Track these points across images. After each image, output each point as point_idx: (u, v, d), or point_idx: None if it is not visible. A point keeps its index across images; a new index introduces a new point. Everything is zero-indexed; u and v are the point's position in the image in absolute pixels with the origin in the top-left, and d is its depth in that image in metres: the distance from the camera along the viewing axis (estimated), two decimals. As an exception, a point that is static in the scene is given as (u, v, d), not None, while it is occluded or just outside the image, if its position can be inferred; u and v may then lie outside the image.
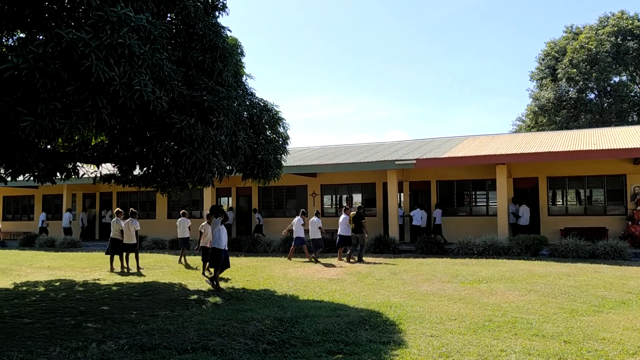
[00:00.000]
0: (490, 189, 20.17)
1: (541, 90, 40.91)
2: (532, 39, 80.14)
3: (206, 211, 22.17)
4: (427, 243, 17.40)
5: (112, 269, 14.51)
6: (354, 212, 15.94)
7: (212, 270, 11.42)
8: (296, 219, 16.55)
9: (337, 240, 16.25)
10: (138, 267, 14.52)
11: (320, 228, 16.23)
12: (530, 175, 19.72)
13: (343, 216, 16.14)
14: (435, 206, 20.41)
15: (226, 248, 10.94)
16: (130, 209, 15.39)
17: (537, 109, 40.48)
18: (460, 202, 21.05)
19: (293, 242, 16.60)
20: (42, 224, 25.68)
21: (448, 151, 19.44)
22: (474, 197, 20.99)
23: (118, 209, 15.56)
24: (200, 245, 13.40)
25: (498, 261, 14.50)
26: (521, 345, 6.27)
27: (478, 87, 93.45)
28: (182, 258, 16.28)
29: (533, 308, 8.36)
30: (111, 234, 14.94)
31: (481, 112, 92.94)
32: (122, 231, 14.62)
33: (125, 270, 14.34)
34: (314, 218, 16.37)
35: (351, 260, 15.50)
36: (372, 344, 6.37)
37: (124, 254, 14.59)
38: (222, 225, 10.83)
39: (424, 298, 9.40)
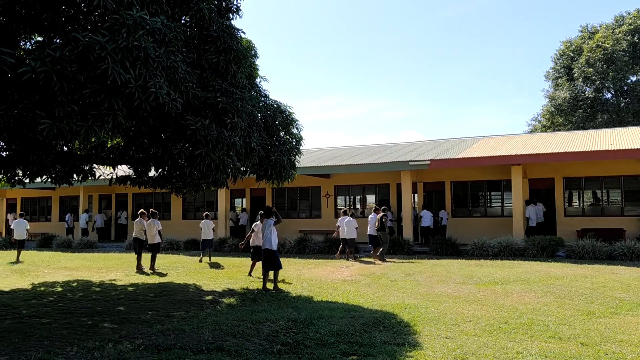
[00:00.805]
0: (506, 190, 20.01)
1: (557, 90, 40.52)
2: (547, 39, 79.46)
3: (221, 210, 22.35)
4: (441, 244, 17.33)
5: (141, 269, 14.74)
6: (382, 214, 16.35)
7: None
8: (340, 219, 16.87)
9: (369, 239, 16.79)
10: (153, 268, 14.64)
11: (357, 228, 16.60)
12: (546, 176, 19.53)
13: (371, 216, 16.68)
14: (440, 207, 20.57)
15: (275, 248, 10.89)
16: (151, 209, 15.62)
17: (553, 109, 40.09)
18: (475, 203, 20.91)
19: (346, 245, 16.77)
20: (68, 224, 26.03)
21: (463, 152, 19.33)
22: (488, 197, 20.85)
23: (142, 210, 15.82)
24: (252, 245, 12.84)
25: (513, 262, 14.38)
26: (537, 347, 6.21)
27: (493, 87, 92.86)
28: (209, 257, 16.97)
29: (549, 310, 8.28)
30: (133, 233, 15.32)
31: (496, 113, 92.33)
32: (145, 231, 14.90)
33: (149, 271, 14.51)
34: (350, 217, 16.64)
35: (374, 259, 16.01)
36: (387, 345, 6.35)
37: (150, 254, 14.81)
38: (274, 227, 10.83)
39: (438, 299, 9.35)
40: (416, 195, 21.07)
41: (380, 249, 16.00)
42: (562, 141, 19.61)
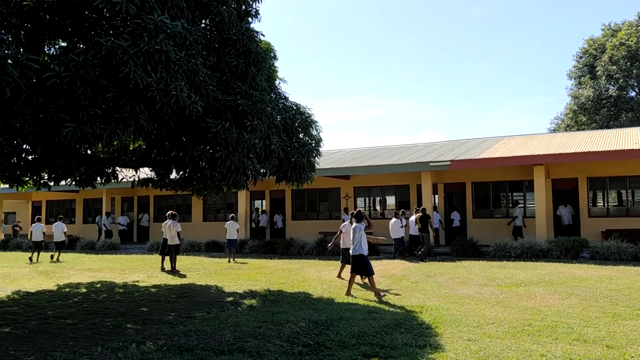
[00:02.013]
0: (528, 191, 19.77)
1: (580, 89, 39.92)
2: (568, 38, 78.33)
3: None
4: (462, 245, 17.18)
5: (162, 268, 15.16)
6: (420, 214, 16.72)
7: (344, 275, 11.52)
8: (393, 220, 17.15)
9: (409, 240, 17.33)
10: (174, 269, 14.79)
11: (402, 227, 16.94)
12: (569, 176, 19.24)
13: (412, 217, 17.02)
14: (452, 209, 20.54)
15: (366, 253, 10.28)
16: (170, 211, 15.84)
17: (576, 108, 39.52)
18: (497, 203, 20.69)
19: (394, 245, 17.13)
20: (100, 226, 26.46)
21: (483, 152, 19.14)
22: (510, 198, 20.60)
23: (171, 211, 16.08)
24: (342, 247, 12.27)
25: (537, 264, 14.18)
26: (562, 350, 6.11)
27: (514, 87, 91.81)
28: (232, 258, 17.39)
29: (574, 312, 8.15)
30: (162, 234, 15.83)
31: (517, 113, 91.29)
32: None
33: (172, 270, 14.72)
34: (395, 219, 16.94)
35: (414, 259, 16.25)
36: (408, 347, 6.32)
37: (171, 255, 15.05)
38: (364, 232, 10.35)
39: (460, 301, 9.27)
40: (436, 196, 20.93)
41: (422, 249, 16.35)
42: (585, 141, 19.31)
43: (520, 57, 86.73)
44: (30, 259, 18.61)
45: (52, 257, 19.00)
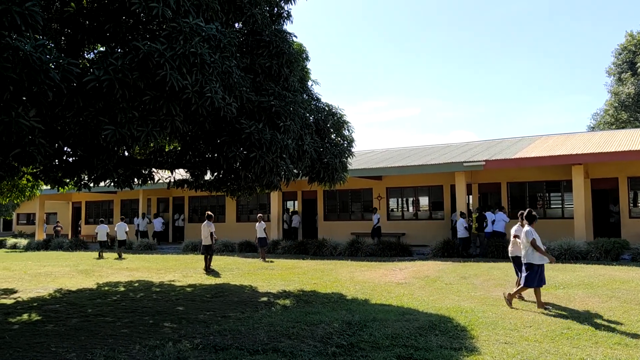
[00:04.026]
0: (566, 191, 19.30)
1: (620, 85, 38.77)
2: (605, 34, 76.18)
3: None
4: (497, 247, 16.88)
5: (207, 268, 15.28)
6: (477, 214, 17.42)
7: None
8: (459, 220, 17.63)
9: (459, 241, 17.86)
10: (208, 269, 14.97)
11: (466, 228, 17.46)
12: (609, 176, 18.70)
13: (460, 219, 17.51)
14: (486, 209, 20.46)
15: (538, 262, 8.81)
16: (206, 212, 16.06)
17: (617, 105, 38.39)
18: (533, 204, 20.25)
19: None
20: (137, 228, 27.08)
21: (519, 152, 18.78)
22: (547, 199, 20.14)
23: (208, 212, 16.33)
24: (511, 255, 10.12)
25: (575, 266, 13.83)
26: (602, 354, 5.95)
27: (550, 85, 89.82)
28: (262, 257, 17.88)
29: (615, 315, 7.92)
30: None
31: (554, 111, 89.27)
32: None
33: (207, 270, 14.99)
34: (461, 219, 17.49)
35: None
36: (443, 349, 6.24)
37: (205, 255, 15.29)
38: (537, 235, 8.96)
39: (496, 303, 9.11)
40: (471, 196, 20.63)
41: (477, 250, 16.88)
42: (626, 139, 18.73)
43: (556, 55, 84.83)
44: (101, 255, 20.88)
45: (119, 254, 20.75)
